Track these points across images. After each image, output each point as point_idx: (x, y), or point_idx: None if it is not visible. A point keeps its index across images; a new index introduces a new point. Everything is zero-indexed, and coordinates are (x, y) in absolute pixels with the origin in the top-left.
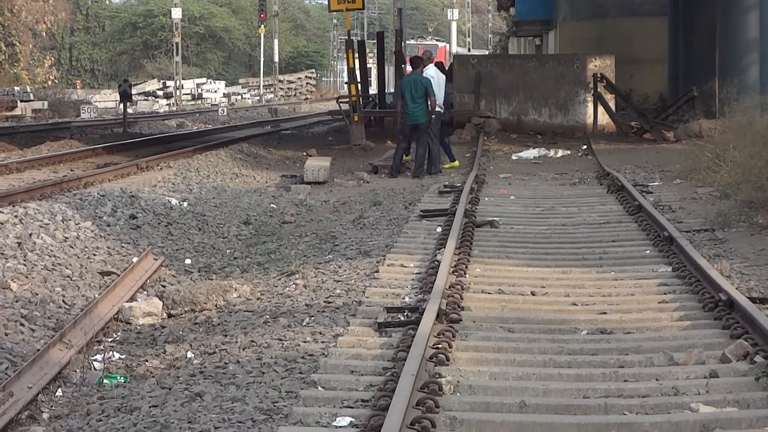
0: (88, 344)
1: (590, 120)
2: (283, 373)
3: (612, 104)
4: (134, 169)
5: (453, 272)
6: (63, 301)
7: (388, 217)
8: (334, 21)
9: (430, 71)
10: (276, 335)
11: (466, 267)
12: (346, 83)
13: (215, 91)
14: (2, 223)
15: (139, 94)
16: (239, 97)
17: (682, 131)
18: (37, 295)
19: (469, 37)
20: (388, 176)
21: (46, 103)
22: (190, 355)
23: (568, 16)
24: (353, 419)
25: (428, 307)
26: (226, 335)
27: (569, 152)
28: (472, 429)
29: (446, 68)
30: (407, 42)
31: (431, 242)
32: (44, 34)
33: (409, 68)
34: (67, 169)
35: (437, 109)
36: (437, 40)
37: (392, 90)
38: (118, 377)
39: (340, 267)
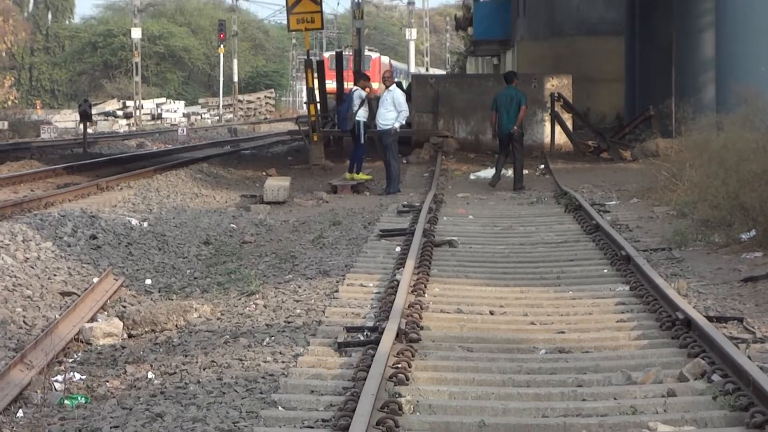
0: (48, 365)
1: (548, 139)
2: (243, 393)
3: (569, 123)
4: (94, 189)
5: (412, 292)
6: (24, 322)
7: (348, 236)
8: (294, 41)
9: (397, 92)
10: (236, 355)
11: (425, 286)
12: (305, 103)
13: (175, 111)
14: None
15: (99, 114)
16: (199, 117)
17: (639, 150)
18: None
19: (427, 56)
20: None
21: (6, 123)
22: (150, 375)
23: (526, 35)
24: None
25: (388, 327)
26: (186, 355)
27: (527, 172)
28: None
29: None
30: (332, 53)
31: (390, 262)
32: (4, 54)
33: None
34: (28, 190)
35: (396, 126)
36: (369, 50)
37: None
38: (79, 398)
39: (299, 287)
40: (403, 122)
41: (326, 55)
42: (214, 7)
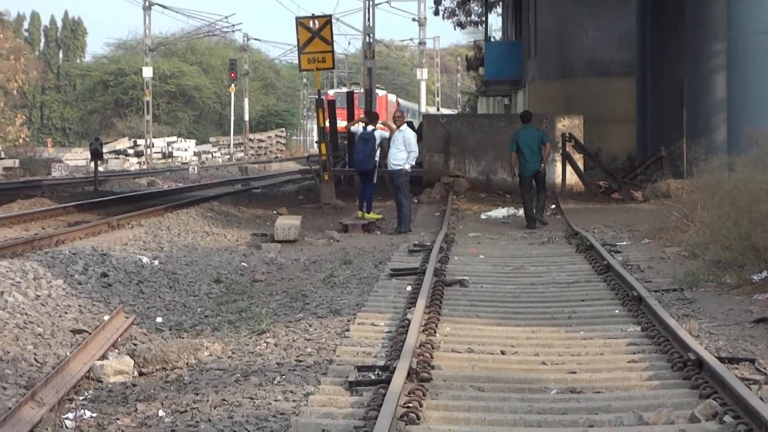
0: (59, 402)
1: (559, 179)
2: None
3: (580, 164)
4: (105, 227)
5: (423, 331)
6: (35, 359)
7: (359, 275)
8: (304, 80)
9: (408, 131)
10: (247, 394)
11: (436, 326)
12: (316, 142)
13: (186, 150)
14: None
15: (110, 152)
16: (210, 156)
17: (651, 191)
18: (8, 353)
19: (438, 96)
20: (527, 228)
21: (17, 161)
22: (161, 413)
23: (537, 76)
24: None
25: (399, 366)
26: (197, 394)
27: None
28: None
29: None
30: (339, 91)
31: (401, 301)
32: (15, 92)
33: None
34: (39, 227)
35: (407, 167)
36: (376, 87)
37: None
38: None
39: (310, 325)
40: (413, 163)
41: (331, 92)
42: (225, 46)
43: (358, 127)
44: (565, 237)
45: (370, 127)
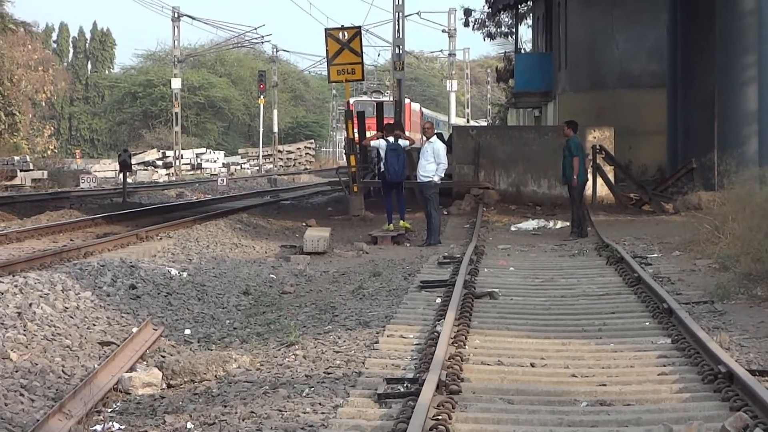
0: (87, 414)
1: (589, 191)
2: None
3: (611, 176)
4: (134, 239)
5: (452, 343)
6: (63, 371)
7: (388, 287)
8: (334, 91)
9: (437, 143)
10: (276, 406)
11: (466, 338)
12: (345, 153)
13: (214, 161)
14: (2, 293)
15: (138, 163)
16: (238, 167)
17: (681, 203)
18: (36, 365)
19: (468, 108)
20: (577, 236)
21: (45, 172)
22: (190, 425)
23: (567, 87)
24: None
25: (428, 378)
26: (225, 406)
27: (568, 223)
28: None
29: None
30: (360, 99)
31: (431, 313)
32: (44, 103)
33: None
34: (67, 239)
35: (436, 178)
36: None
37: None
38: None
39: (339, 338)
40: (442, 175)
41: (351, 101)
42: (254, 58)
43: (379, 142)
44: (596, 249)
45: (391, 139)
